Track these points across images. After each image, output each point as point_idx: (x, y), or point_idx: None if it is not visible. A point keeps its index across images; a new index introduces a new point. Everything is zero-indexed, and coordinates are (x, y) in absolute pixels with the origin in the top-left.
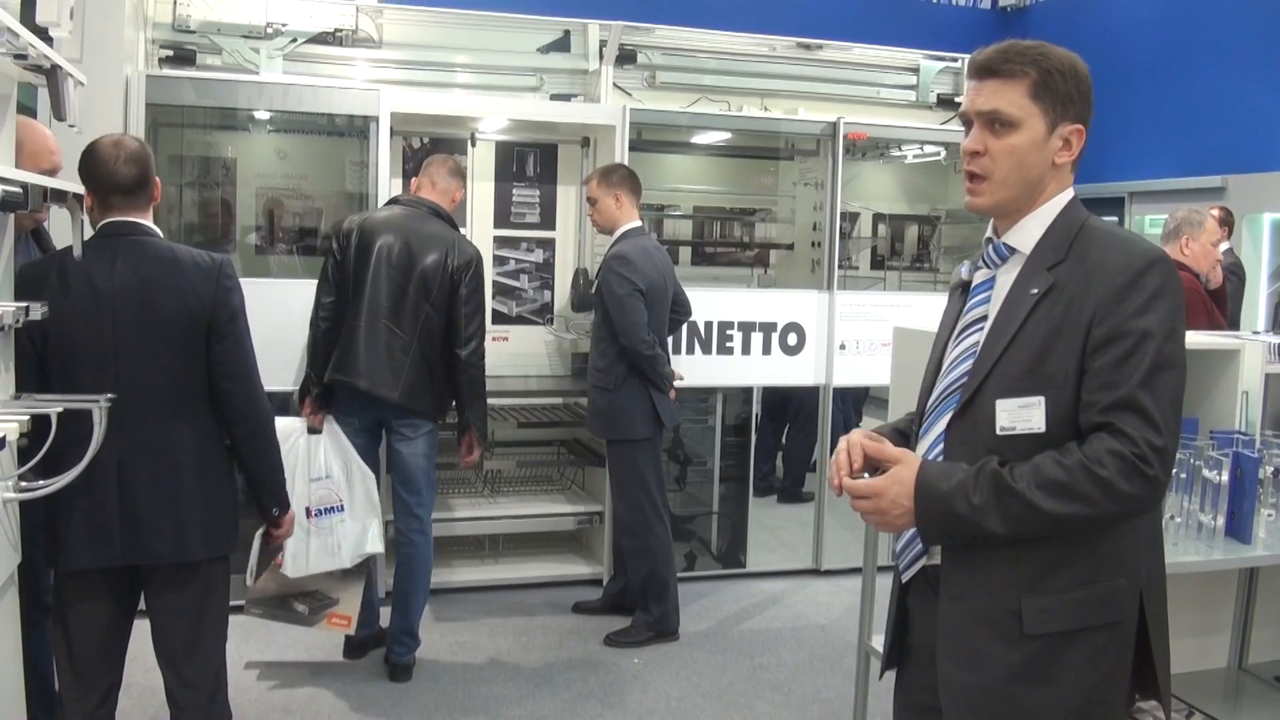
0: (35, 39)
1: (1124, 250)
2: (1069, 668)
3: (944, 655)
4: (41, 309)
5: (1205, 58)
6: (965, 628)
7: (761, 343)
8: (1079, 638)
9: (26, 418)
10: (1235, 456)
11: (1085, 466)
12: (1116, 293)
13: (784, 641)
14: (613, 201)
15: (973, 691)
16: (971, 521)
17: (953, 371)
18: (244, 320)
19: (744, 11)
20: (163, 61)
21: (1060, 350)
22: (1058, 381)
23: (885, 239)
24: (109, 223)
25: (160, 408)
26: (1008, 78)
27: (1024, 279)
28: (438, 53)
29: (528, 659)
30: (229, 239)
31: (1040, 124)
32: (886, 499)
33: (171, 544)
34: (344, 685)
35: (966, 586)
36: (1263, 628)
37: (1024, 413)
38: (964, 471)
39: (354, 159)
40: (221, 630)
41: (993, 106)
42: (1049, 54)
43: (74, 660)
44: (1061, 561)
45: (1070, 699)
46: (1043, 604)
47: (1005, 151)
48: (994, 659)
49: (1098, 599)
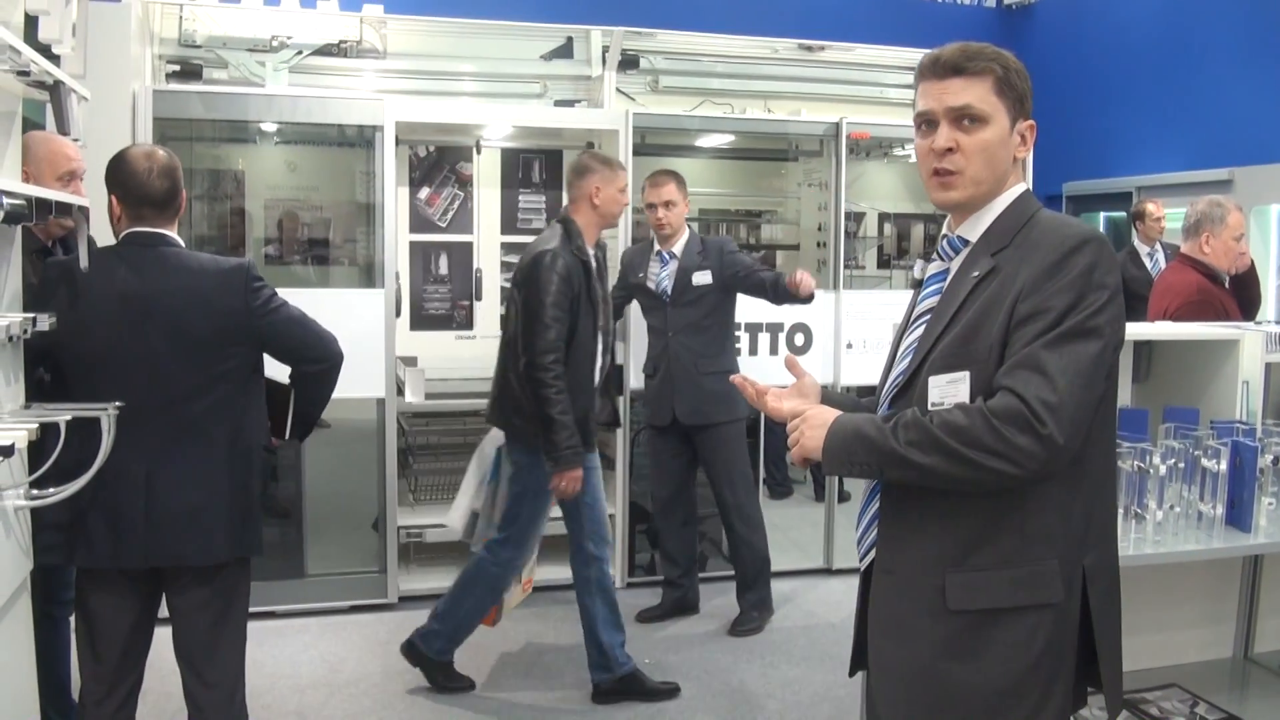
0: (38, 56)
1: (1058, 231)
2: (995, 646)
3: (874, 629)
4: (50, 319)
5: (1209, 51)
6: (894, 601)
7: (769, 343)
8: (1005, 617)
9: (35, 426)
10: (1235, 445)
11: (983, 414)
12: (1045, 270)
13: (795, 640)
14: (684, 207)
15: (901, 665)
16: (873, 440)
17: (902, 361)
18: (286, 305)
19: (745, 14)
20: (169, 76)
21: (987, 326)
22: (981, 356)
23: (891, 238)
24: (134, 232)
25: (189, 413)
26: (973, 75)
27: (968, 264)
28: (442, 62)
29: (540, 660)
30: (241, 251)
31: (1005, 119)
32: (808, 422)
33: (197, 546)
34: (357, 691)
35: (896, 561)
36: (1267, 617)
37: (951, 388)
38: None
39: (362, 169)
40: (242, 632)
41: (965, 102)
42: (1003, 54)
43: (97, 659)
44: (987, 538)
45: (998, 678)
46: (966, 580)
47: (978, 147)
48: (920, 633)
49: (1025, 579)
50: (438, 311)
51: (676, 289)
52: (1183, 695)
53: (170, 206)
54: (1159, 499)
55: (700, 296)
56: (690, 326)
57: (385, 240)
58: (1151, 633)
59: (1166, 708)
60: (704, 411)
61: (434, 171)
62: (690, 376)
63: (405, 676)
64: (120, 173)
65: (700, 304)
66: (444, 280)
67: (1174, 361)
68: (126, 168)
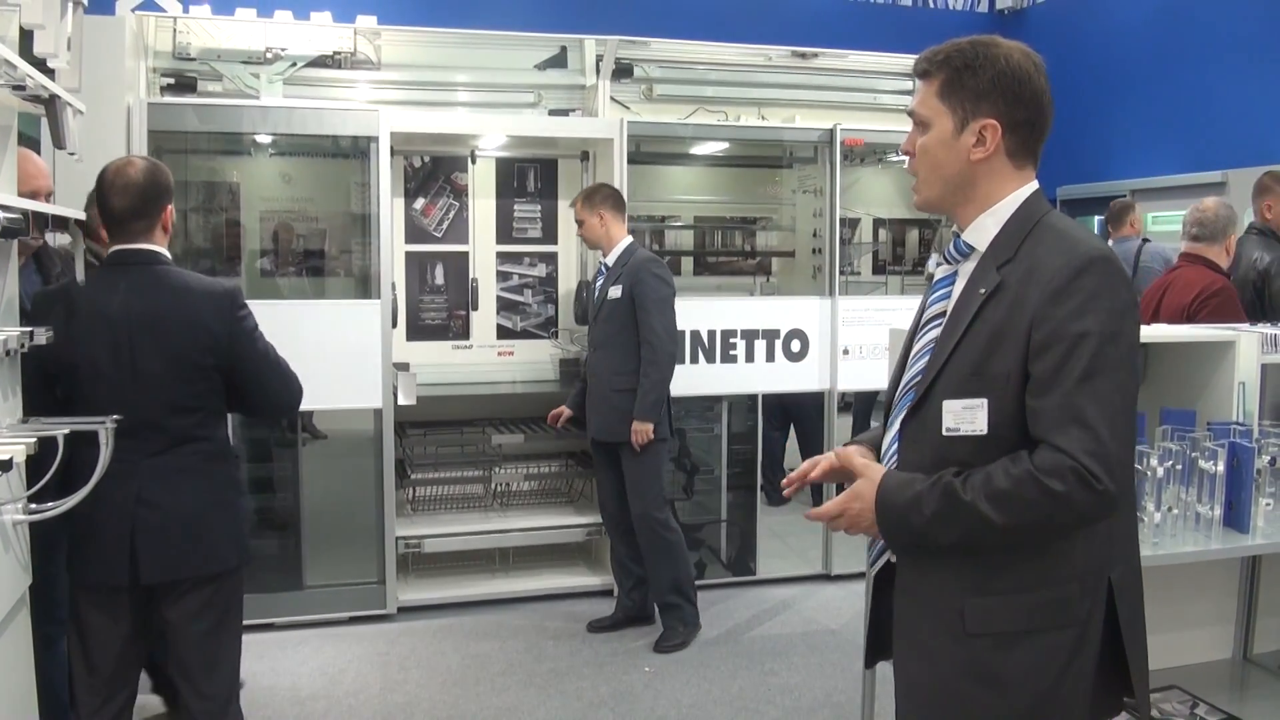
0: (33, 70)
1: (1063, 250)
2: (1016, 668)
3: (898, 648)
4: (46, 333)
5: (1203, 54)
6: (916, 623)
7: (765, 350)
8: (1025, 640)
9: (34, 440)
10: (1231, 447)
11: (1033, 477)
12: (1052, 295)
13: (795, 647)
14: (597, 220)
15: (925, 686)
16: (925, 534)
17: (913, 367)
18: (262, 339)
19: (739, 22)
20: (164, 89)
21: (1003, 352)
22: (1000, 384)
23: (886, 244)
24: (115, 251)
25: (176, 430)
26: (924, 78)
27: (976, 277)
28: (436, 72)
29: (539, 669)
30: (236, 263)
31: (947, 122)
32: (849, 515)
33: (190, 560)
34: (356, 703)
35: (917, 584)
36: (1267, 617)
37: (968, 414)
38: (921, 483)
39: (357, 180)
40: (236, 642)
41: (912, 108)
42: (966, 51)
43: (92, 672)
44: (1005, 565)
45: (1018, 700)
46: (985, 605)
47: (920, 151)
48: (942, 654)
49: (1045, 604)
50: (434, 322)
51: (596, 302)
52: (1183, 696)
53: (135, 223)
54: (1157, 501)
55: (611, 312)
56: (606, 341)
57: (381, 251)
58: (1151, 634)
59: (1167, 709)
60: (616, 429)
61: (429, 182)
62: (604, 393)
63: (405, 687)
64: (96, 188)
65: (612, 319)
66: (440, 290)
67: (1170, 363)
68: (98, 184)
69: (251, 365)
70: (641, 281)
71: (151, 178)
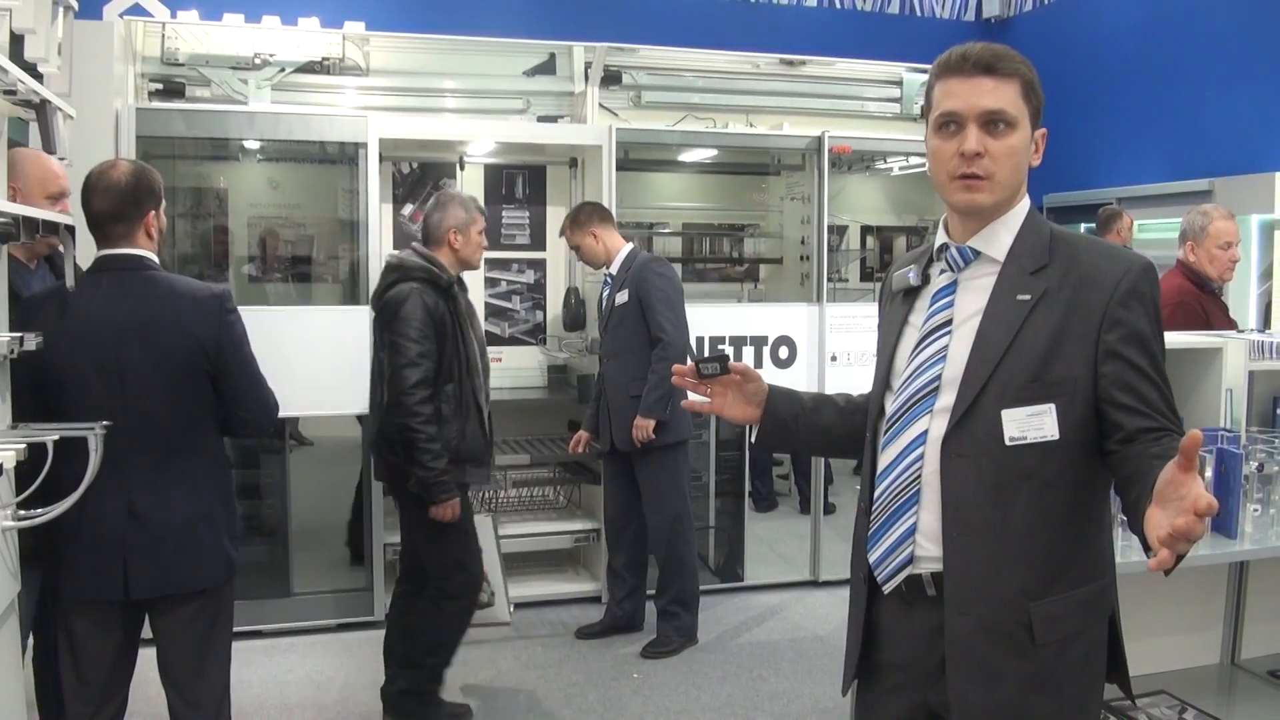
0: (24, 75)
1: (1114, 257)
2: (1071, 670)
3: (955, 673)
4: (36, 339)
5: (1187, 63)
6: (976, 643)
7: (753, 356)
8: (1076, 640)
9: (23, 446)
10: (1219, 453)
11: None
12: (1120, 299)
13: (783, 653)
14: (592, 240)
15: (988, 707)
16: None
17: (920, 376)
18: (248, 348)
19: (727, 30)
20: (152, 95)
21: (1065, 357)
22: (1067, 388)
23: (874, 251)
24: (101, 255)
25: (167, 438)
26: (1003, 77)
27: (1007, 285)
28: (424, 79)
29: (528, 676)
30: (224, 269)
31: (1029, 126)
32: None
33: (180, 573)
34: (344, 710)
35: (974, 600)
36: (1254, 623)
37: (1034, 421)
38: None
39: (345, 186)
40: (226, 652)
41: (999, 106)
42: (1026, 58)
43: (83, 682)
44: (1064, 565)
45: (1074, 701)
46: (1050, 610)
47: (1006, 152)
48: (1007, 672)
49: (1093, 598)
50: None
51: (604, 312)
52: (1171, 701)
53: (116, 225)
54: None
55: (621, 318)
56: (619, 349)
57: (369, 257)
58: (1139, 639)
59: (1155, 714)
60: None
61: (418, 188)
62: (622, 402)
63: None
64: (82, 191)
65: (623, 325)
66: None
67: None
68: (84, 186)
69: (236, 369)
70: (645, 282)
71: (134, 181)
